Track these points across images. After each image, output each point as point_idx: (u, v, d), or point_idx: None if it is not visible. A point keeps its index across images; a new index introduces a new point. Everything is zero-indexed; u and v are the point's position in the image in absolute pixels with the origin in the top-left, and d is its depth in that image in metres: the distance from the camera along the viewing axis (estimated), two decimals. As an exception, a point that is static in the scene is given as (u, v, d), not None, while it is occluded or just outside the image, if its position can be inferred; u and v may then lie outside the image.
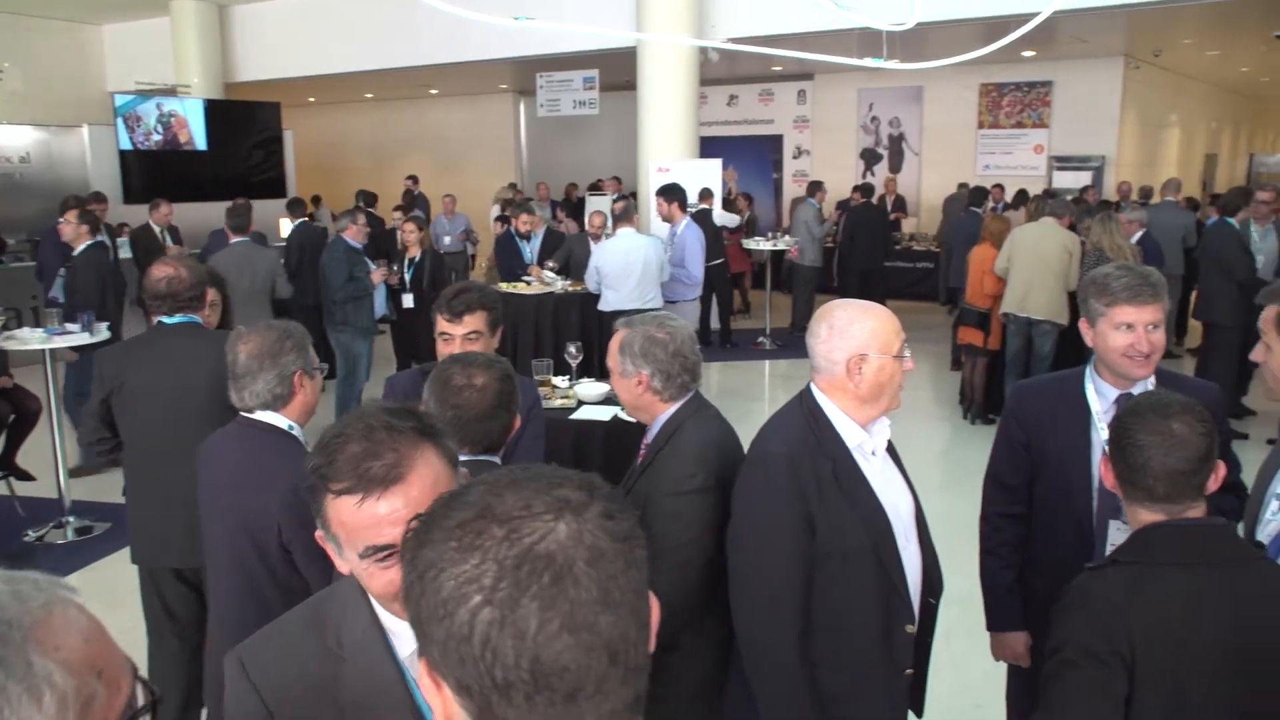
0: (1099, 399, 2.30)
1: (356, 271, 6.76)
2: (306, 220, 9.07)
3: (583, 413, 4.31)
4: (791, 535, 1.98)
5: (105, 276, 6.35)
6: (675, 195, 7.87)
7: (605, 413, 4.23)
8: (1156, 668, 1.54)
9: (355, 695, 1.26)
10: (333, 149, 17.96)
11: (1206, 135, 18.25)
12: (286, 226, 10.02)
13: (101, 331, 5.62)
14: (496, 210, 12.01)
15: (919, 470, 2.37)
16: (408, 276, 7.36)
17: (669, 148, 9.47)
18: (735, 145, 14.69)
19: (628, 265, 6.83)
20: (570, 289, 7.70)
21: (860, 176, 14.58)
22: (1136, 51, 12.92)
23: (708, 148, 10.83)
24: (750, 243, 11.05)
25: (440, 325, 2.75)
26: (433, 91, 16.87)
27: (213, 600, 2.40)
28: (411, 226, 7.64)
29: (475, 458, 1.95)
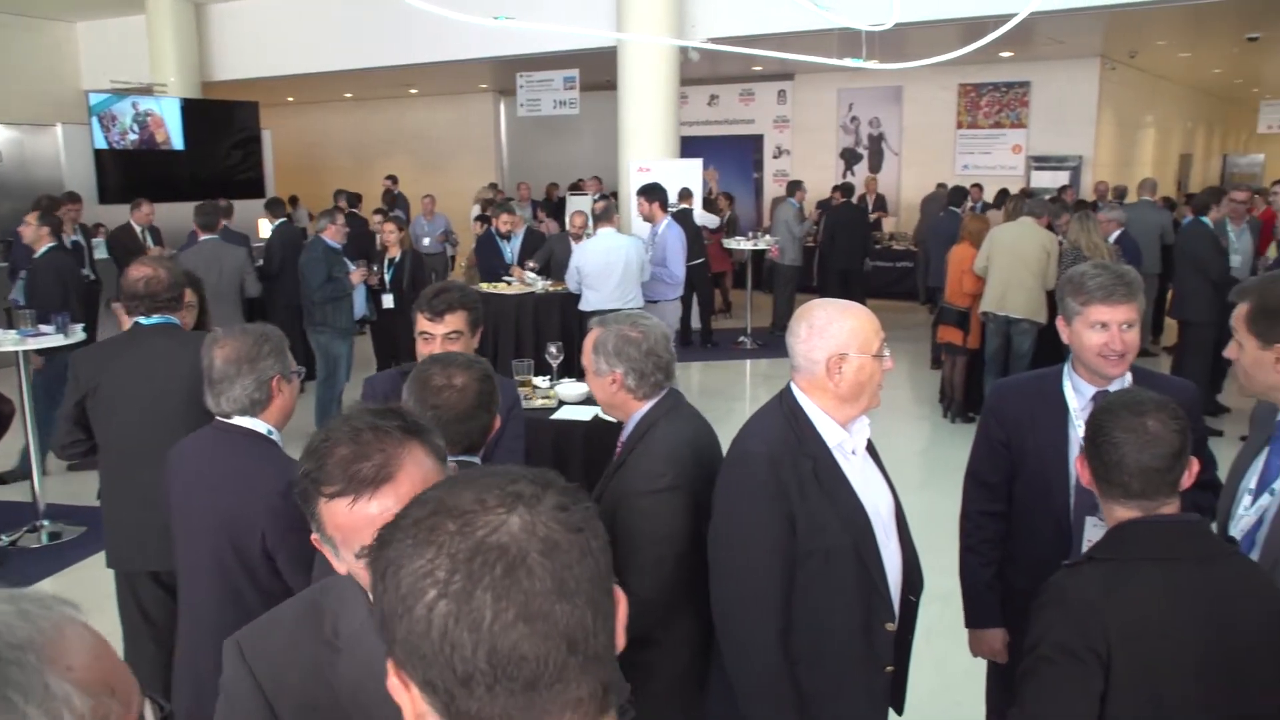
0: (1077, 397, 2.32)
1: (335, 272, 6.72)
2: (287, 220, 9.02)
3: (563, 413, 4.30)
4: (772, 534, 1.98)
5: (67, 279, 6.21)
6: (656, 195, 7.87)
7: (586, 413, 4.22)
8: (1133, 663, 1.55)
9: (350, 684, 1.28)
10: (312, 149, 17.85)
11: (1181, 136, 18.45)
12: (265, 227, 9.95)
13: (76, 333, 5.56)
14: (477, 210, 11.96)
15: (899, 469, 2.38)
16: (387, 277, 7.33)
17: (650, 147, 9.47)
18: (716, 145, 14.71)
19: (608, 265, 6.82)
20: (551, 289, 7.69)
21: (840, 176, 14.63)
22: (1112, 53, 13.05)
23: (688, 147, 10.84)
24: (731, 242, 11.08)
25: (421, 325, 2.73)
26: (413, 91, 16.79)
27: (185, 605, 2.35)
28: (391, 227, 7.60)
29: (455, 459, 1.94)
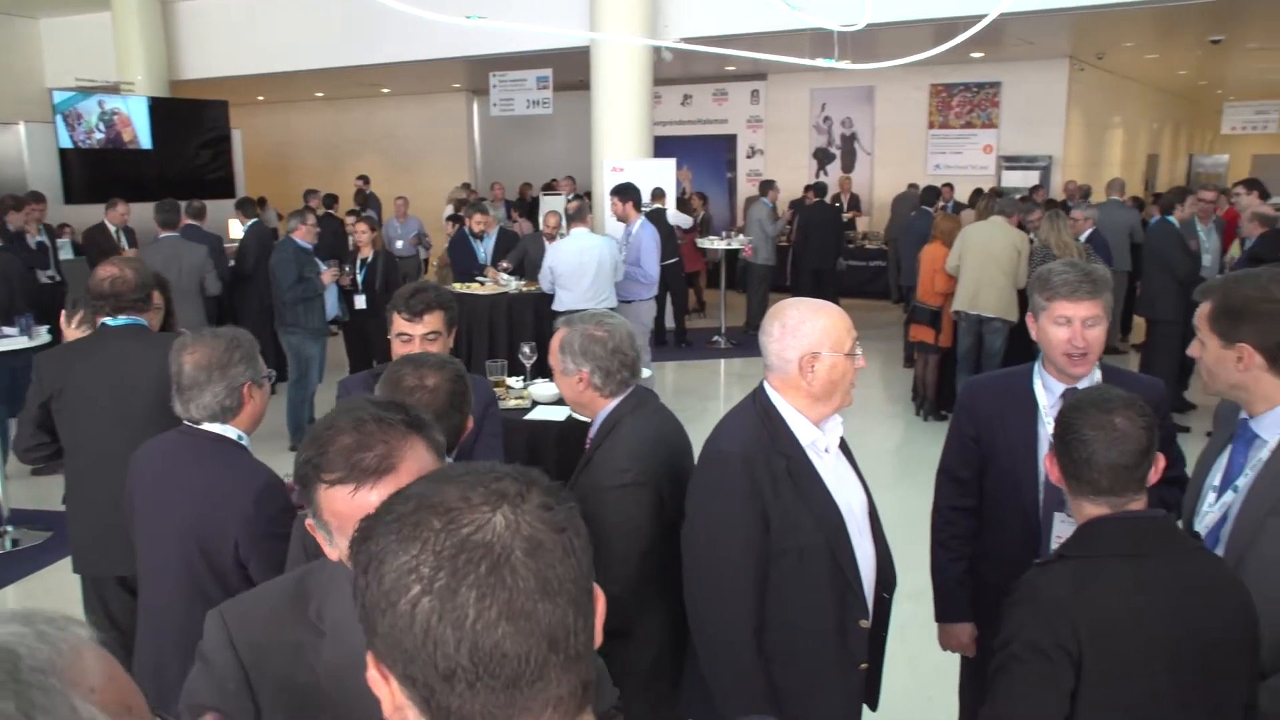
0: (1046, 394, 2.34)
1: (306, 272, 6.66)
2: (259, 221, 8.92)
3: (537, 413, 4.29)
4: (746, 532, 1.98)
5: (13, 281, 6.11)
6: (630, 195, 7.86)
7: (559, 413, 4.21)
8: (1104, 660, 1.56)
9: (332, 669, 1.29)
10: (283, 148, 17.66)
11: (1148, 136, 18.69)
12: (236, 227, 9.83)
13: (41, 335, 5.47)
14: (449, 210, 11.90)
15: (872, 467, 2.40)
16: (360, 277, 7.28)
17: (623, 147, 9.46)
18: (689, 145, 14.72)
19: (582, 265, 6.81)
20: (524, 289, 7.67)
21: (813, 176, 14.69)
22: (1081, 54, 13.20)
23: (662, 147, 10.83)
24: (705, 242, 11.09)
25: (398, 325, 2.70)
26: (385, 91, 16.67)
27: (146, 609, 2.30)
28: (364, 226, 7.55)
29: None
